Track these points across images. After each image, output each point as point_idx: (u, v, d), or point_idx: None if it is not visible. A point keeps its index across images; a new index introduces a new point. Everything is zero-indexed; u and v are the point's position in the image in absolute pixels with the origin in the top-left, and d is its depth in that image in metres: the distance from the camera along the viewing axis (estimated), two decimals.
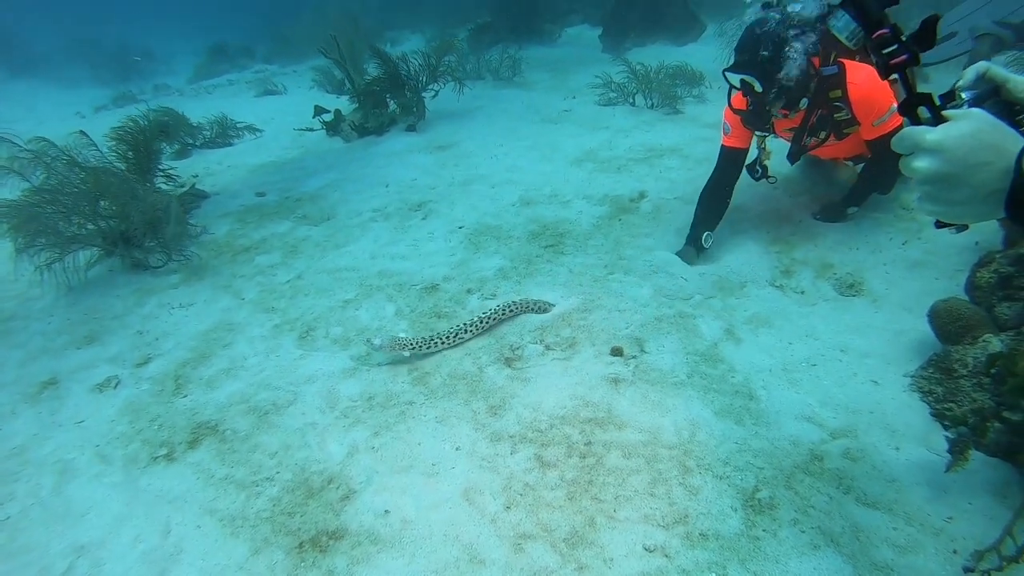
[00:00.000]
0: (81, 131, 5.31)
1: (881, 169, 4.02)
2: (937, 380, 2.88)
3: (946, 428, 2.61)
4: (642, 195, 5.22)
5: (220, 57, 17.78)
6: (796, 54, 3.52)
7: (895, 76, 1.28)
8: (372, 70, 8.65)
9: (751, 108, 3.74)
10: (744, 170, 4.29)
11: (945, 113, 1.20)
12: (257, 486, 2.79)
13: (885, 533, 2.30)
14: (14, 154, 4.73)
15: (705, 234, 4.19)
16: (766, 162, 4.19)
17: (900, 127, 1.32)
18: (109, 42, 20.56)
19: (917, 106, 1.23)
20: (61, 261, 4.61)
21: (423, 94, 8.30)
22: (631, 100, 8.07)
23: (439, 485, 2.68)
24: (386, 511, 2.57)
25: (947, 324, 3.00)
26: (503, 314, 3.65)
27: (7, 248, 4.65)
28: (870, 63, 3.73)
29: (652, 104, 7.86)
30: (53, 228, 4.58)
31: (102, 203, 4.88)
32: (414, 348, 3.45)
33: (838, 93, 3.65)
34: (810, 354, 3.27)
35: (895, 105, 3.62)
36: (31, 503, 2.88)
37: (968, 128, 1.14)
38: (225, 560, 2.47)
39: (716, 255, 4.25)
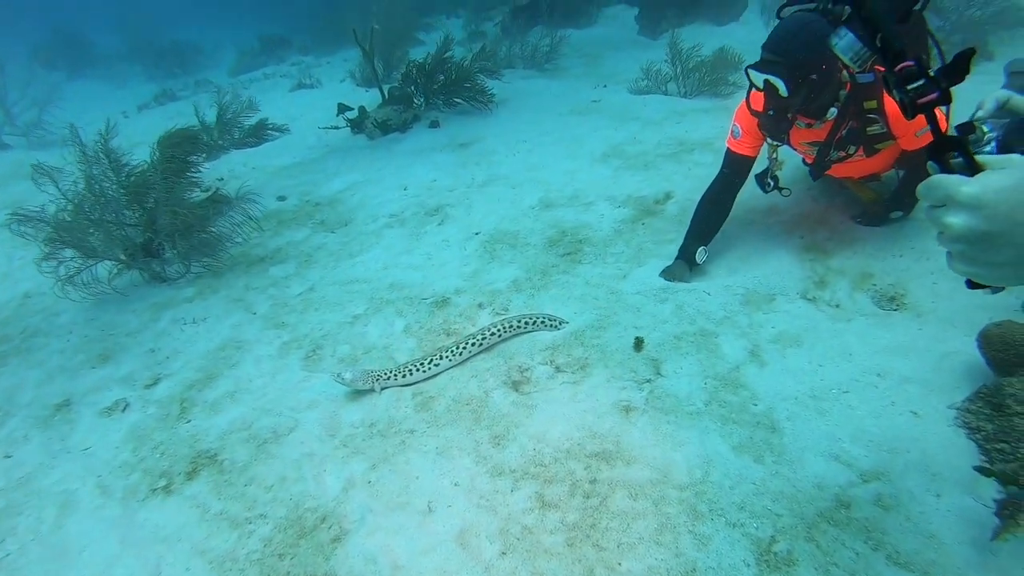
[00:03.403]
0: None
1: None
2: (986, 416, 2.56)
3: (989, 473, 2.30)
4: (668, 196, 4.93)
5: (259, 50, 17.89)
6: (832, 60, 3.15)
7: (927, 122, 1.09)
8: (411, 56, 8.40)
9: (772, 113, 3.36)
10: (754, 181, 3.91)
11: (980, 160, 1.02)
12: (250, 523, 2.72)
13: None
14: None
15: (699, 249, 3.90)
16: (777, 172, 3.83)
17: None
18: (163, 40, 20.81)
19: (948, 151, 1.05)
20: (80, 274, 4.65)
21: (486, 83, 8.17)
22: (663, 88, 7.70)
23: (434, 526, 2.55)
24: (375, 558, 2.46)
25: (999, 352, 2.66)
26: (482, 340, 3.45)
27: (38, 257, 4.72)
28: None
29: (685, 92, 7.48)
30: (78, 240, 4.62)
31: (126, 212, 4.91)
32: (388, 378, 3.32)
33: (873, 104, 3.26)
34: (842, 379, 2.97)
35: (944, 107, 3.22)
36: (30, 539, 2.87)
37: (1011, 180, 0.96)
38: None
39: (744, 265, 3.95)
